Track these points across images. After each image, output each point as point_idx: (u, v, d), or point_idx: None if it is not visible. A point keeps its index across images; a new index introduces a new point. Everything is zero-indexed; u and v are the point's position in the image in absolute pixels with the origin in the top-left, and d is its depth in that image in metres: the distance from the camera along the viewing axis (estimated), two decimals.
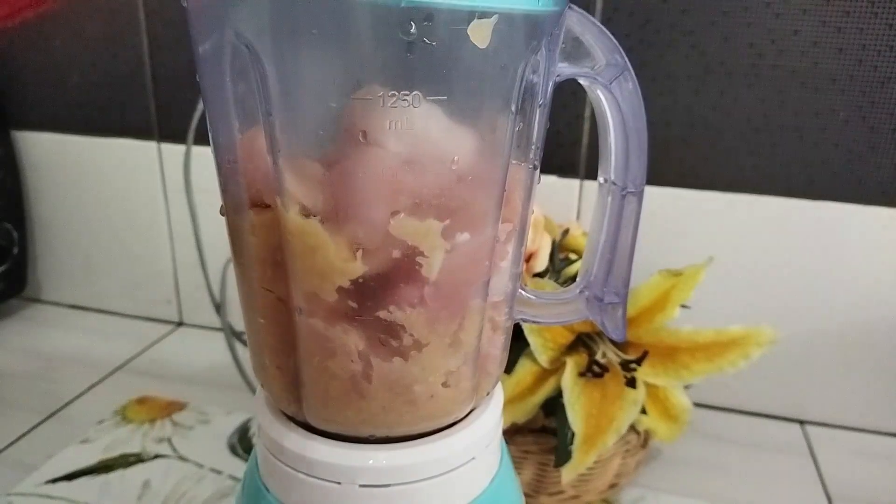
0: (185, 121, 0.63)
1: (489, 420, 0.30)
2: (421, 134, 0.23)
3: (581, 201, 0.62)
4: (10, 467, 0.54)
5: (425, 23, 0.21)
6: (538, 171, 0.28)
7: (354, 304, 0.25)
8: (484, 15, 0.22)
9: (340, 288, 0.24)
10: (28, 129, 0.75)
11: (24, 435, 0.58)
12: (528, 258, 0.50)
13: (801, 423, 0.62)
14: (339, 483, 0.27)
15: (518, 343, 0.47)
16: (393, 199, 0.23)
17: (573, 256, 0.53)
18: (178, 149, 0.71)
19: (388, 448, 0.27)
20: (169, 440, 0.57)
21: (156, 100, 0.70)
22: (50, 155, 0.76)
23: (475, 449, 0.28)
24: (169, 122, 0.71)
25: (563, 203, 0.62)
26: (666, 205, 0.59)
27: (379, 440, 0.27)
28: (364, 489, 0.26)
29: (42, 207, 0.78)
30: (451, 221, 0.24)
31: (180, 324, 0.77)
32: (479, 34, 0.22)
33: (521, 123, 0.25)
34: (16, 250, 0.76)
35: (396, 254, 0.24)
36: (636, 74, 0.27)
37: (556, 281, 0.49)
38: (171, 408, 0.62)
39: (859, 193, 0.56)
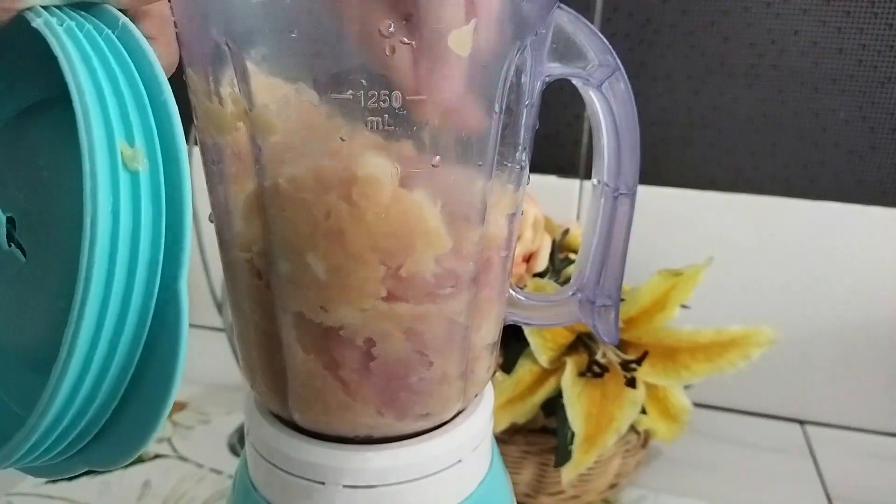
0: (185, 121, 0.62)
1: (477, 422, 0.29)
2: (401, 133, 0.23)
3: (581, 201, 0.62)
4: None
5: (404, 22, 0.21)
6: (527, 170, 0.28)
7: (340, 308, 0.25)
8: (461, 23, 0.22)
9: (327, 293, 0.25)
10: None
11: None
12: (528, 258, 0.50)
13: (801, 423, 0.62)
14: (322, 483, 0.26)
15: (518, 343, 0.47)
16: (392, 211, 0.23)
17: (573, 256, 0.53)
18: None
19: (372, 449, 0.27)
20: (169, 440, 0.57)
21: None
22: None
23: (462, 451, 0.28)
24: None
25: (563, 203, 0.62)
26: (666, 205, 0.59)
27: (364, 441, 0.27)
28: (348, 489, 0.26)
29: None
30: (440, 225, 0.24)
31: None
32: (460, 43, 0.22)
33: (507, 123, 0.25)
34: None
35: (397, 262, 0.24)
36: (636, 74, 0.27)
37: (556, 281, 0.49)
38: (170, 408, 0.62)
39: (859, 193, 0.56)
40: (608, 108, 0.27)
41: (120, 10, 0.20)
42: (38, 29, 0.18)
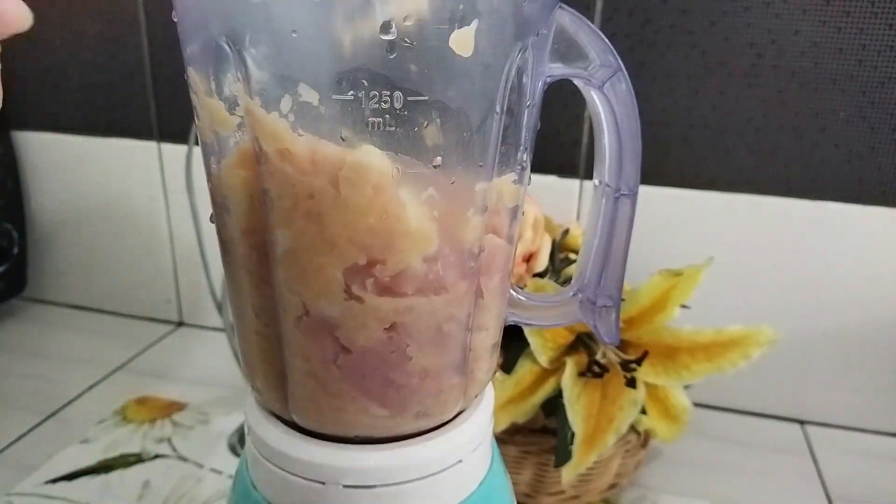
0: (186, 121, 0.63)
1: (477, 423, 0.29)
2: (402, 134, 0.23)
3: (581, 201, 0.62)
4: (10, 467, 0.54)
5: (406, 22, 0.21)
6: (528, 171, 0.28)
7: (340, 309, 0.25)
8: (463, 23, 0.22)
9: (327, 294, 0.25)
10: (28, 129, 0.75)
11: (24, 435, 0.58)
12: (529, 258, 0.50)
13: (801, 423, 0.62)
14: (322, 483, 0.26)
15: (518, 343, 0.47)
16: (376, 203, 0.23)
17: (573, 256, 0.53)
18: (178, 149, 0.71)
19: (372, 449, 0.27)
20: (169, 440, 0.57)
21: (156, 100, 0.70)
22: (50, 155, 0.76)
23: (462, 452, 0.28)
24: (169, 122, 0.71)
25: (563, 203, 0.62)
26: (666, 205, 0.59)
27: (364, 441, 0.27)
28: (348, 490, 0.26)
29: (42, 207, 0.78)
30: (435, 225, 0.24)
31: (180, 324, 0.77)
32: (462, 44, 0.22)
33: (509, 124, 0.25)
34: (16, 250, 0.76)
35: (381, 259, 0.24)
36: (636, 74, 0.27)
37: (556, 281, 0.49)
38: (171, 408, 0.62)
39: (859, 193, 0.56)
40: (610, 108, 0.27)
41: None
42: None
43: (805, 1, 0.53)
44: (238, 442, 0.57)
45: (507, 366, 0.47)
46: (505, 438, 0.48)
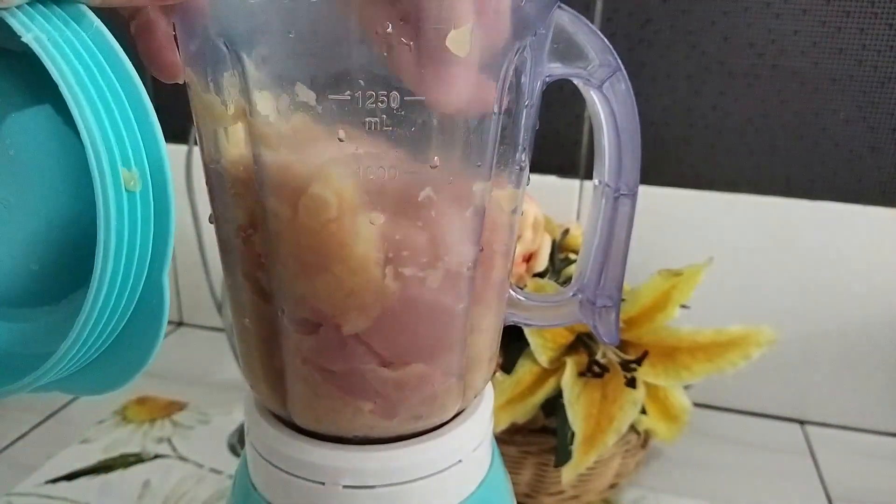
0: (186, 121, 0.63)
1: (477, 423, 0.29)
2: (400, 134, 0.23)
3: (581, 201, 0.62)
4: (10, 467, 0.54)
5: (402, 22, 0.21)
6: (527, 171, 0.28)
7: (338, 310, 0.25)
8: (459, 23, 0.22)
9: (324, 295, 0.25)
10: None
11: (24, 435, 0.58)
12: (529, 258, 0.50)
13: (801, 423, 0.62)
14: (322, 483, 0.26)
15: (518, 343, 0.47)
16: (373, 203, 0.23)
17: (573, 256, 0.53)
18: (179, 149, 0.70)
19: (372, 449, 0.27)
20: (169, 440, 0.57)
21: (156, 100, 0.70)
22: None
23: (462, 452, 0.28)
24: (169, 122, 0.70)
25: (563, 203, 0.62)
26: (666, 205, 0.59)
27: (364, 441, 0.27)
28: (348, 490, 0.26)
29: None
30: (432, 227, 0.24)
31: (180, 324, 0.77)
32: (458, 43, 0.22)
33: (507, 124, 0.25)
34: None
35: (376, 261, 0.24)
36: (636, 74, 0.27)
37: (556, 281, 0.49)
38: (171, 408, 0.62)
39: (859, 193, 0.56)
40: (609, 108, 0.27)
41: (91, 8, 0.20)
42: (30, 45, 0.19)
43: (805, 1, 0.53)
44: (238, 442, 0.57)
45: (507, 366, 0.47)
46: (505, 438, 0.48)
